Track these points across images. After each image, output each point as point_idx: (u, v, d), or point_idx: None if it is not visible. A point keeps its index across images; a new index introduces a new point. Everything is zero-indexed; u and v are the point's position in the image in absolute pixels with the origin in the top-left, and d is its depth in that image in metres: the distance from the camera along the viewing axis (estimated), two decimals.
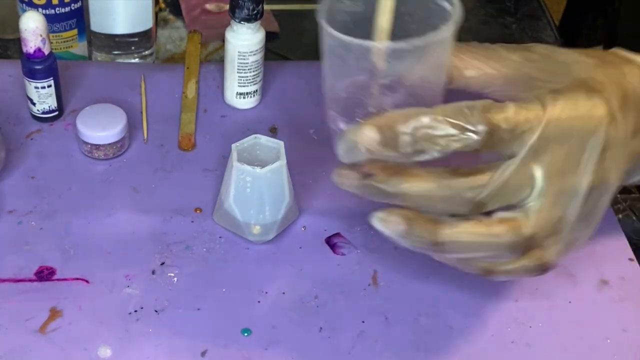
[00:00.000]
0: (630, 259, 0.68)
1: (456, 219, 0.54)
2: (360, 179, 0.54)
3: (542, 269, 0.56)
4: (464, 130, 0.51)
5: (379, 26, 0.55)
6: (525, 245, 0.54)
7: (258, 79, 0.79)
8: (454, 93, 0.58)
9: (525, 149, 0.53)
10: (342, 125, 0.57)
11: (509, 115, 0.52)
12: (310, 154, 0.76)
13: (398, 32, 0.55)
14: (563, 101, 0.54)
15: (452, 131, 0.51)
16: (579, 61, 0.58)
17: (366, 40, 0.53)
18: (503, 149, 0.53)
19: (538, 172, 0.54)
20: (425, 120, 0.51)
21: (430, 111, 0.51)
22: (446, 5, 0.55)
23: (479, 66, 0.58)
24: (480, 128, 0.51)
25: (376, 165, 0.53)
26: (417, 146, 0.51)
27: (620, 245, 0.69)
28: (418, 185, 0.53)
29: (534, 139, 0.53)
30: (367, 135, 0.51)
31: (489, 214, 0.54)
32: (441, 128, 0.51)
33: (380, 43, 0.54)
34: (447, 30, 0.53)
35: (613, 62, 0.59)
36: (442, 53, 0.55)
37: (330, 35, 0.53)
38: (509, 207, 0.55)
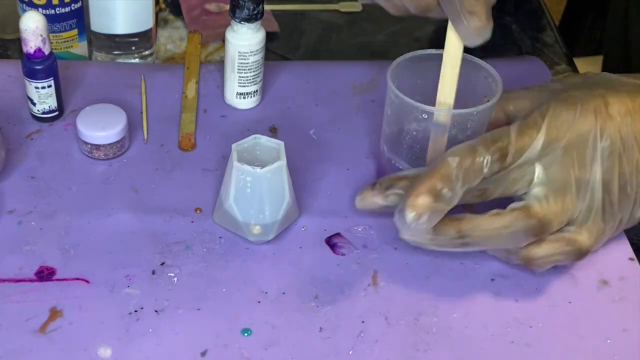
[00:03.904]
0: (631, 259, 0.68)
1: (473, 215, 0.62)
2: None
3: (579, 252, 0.63)
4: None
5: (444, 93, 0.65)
6: (540, 228, 0.61)
7: (258, 79, 0.79)
8: None
9: (525, 157, 0.62)
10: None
11: (511, 141, 0.61)
12: (310, 154, 0.76)
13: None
14: (563, 107, 0.62)
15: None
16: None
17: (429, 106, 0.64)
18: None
19: (538, 168, 0.62)
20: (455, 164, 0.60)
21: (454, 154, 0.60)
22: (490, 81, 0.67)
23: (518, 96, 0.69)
24: (493, 157, 0.61)
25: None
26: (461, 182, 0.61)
27: (621, 244, 0.69)
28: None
29: (535, 152, 0.62)
30: (421, 204, 0.59)
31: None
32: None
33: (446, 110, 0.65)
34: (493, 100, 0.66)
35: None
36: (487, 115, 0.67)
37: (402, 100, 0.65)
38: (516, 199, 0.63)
